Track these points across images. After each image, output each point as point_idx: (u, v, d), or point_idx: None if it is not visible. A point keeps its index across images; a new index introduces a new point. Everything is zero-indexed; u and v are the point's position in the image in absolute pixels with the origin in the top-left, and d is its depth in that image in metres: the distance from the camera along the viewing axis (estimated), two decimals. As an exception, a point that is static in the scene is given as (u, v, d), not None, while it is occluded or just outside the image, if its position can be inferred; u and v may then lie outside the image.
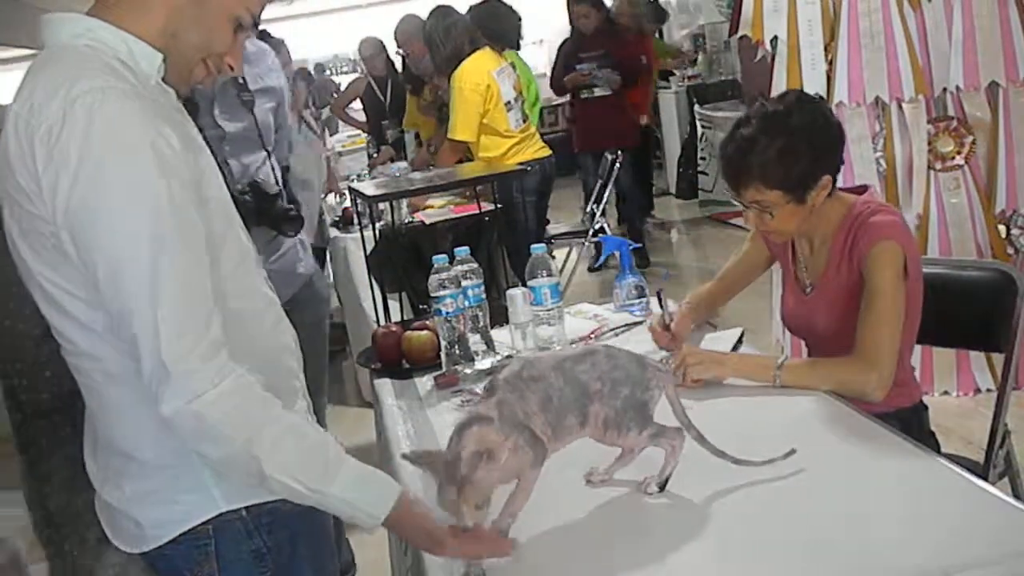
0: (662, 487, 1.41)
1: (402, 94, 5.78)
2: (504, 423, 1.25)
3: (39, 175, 1.10)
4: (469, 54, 4.24)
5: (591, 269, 6.27)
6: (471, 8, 5.02)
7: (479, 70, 4.24)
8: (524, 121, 4.45)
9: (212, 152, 1.34)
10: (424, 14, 4.69)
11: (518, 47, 4.89)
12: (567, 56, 6.26)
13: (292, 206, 2.44)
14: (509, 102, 4.34)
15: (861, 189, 1.98)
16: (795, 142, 1.79)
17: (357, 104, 6.61)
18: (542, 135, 5.00)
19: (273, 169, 2.44)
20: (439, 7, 4.52)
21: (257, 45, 2.51)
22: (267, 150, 2.45)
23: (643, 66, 6.27)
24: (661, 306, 2.03)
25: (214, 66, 1.27)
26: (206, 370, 1.12)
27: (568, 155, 6.24)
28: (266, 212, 2.36)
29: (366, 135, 6.41)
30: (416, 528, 1.27)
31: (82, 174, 1.09)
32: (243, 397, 1.15)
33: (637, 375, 1.36)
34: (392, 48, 5.51)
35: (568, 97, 6.52)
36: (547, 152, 4.52)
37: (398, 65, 5.76)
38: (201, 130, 2.28)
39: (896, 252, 1.82)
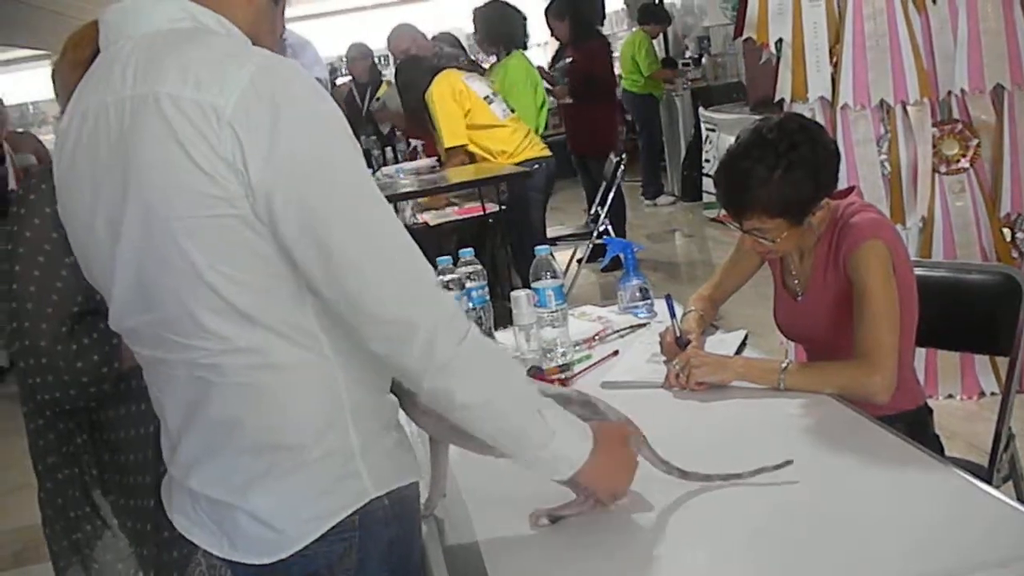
0: (553, 520, 1.37)
1: None
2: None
3: (224, 153, 1.02)
4: (430, 83, 4.33)
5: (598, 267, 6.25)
6: (476, 10, 5.04)
7: (446, 81, 4.37)
8: (512, 112, 4.48)
9: None
10: (423, 15, 4.76)
11: (526, 47, 4.89)
12: (551, 62, 6.48)
13: None
14: (487, 96, 4.40)
15: (846, 192, 1.96)
16: (798, 174, 1.76)
17: None
18: (547, 136, 4.99)
19: None
20: (406, 61, 4.62)
21: (298, 36, 2.45)
22: None
23: (588, 81, 6.05)
24: (671, 313, 2.00)
25: None
26: (460, 311, 1.15)
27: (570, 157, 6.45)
28: None
29: None
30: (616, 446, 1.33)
31: (305, 129, 1.05)
32: (484, 342, 1.17)
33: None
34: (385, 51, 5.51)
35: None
36: (549, 153, 4.55)
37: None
38: None
39: (881, 250, 1.80)
